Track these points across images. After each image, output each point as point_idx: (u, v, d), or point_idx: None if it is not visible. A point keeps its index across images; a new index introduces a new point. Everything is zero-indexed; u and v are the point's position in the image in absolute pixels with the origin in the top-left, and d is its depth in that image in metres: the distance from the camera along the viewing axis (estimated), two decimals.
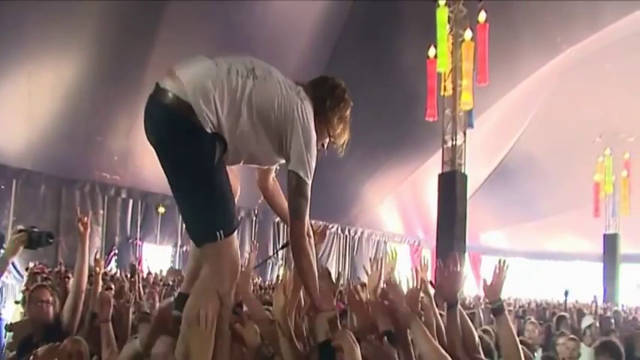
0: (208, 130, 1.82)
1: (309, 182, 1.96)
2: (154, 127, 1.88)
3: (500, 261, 2.37)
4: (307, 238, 2.00)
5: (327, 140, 2.15)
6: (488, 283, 2.28)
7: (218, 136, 1.85)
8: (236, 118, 1.87)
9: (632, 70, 12.47)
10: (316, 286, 1.99)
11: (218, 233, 1.85)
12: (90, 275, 3.34)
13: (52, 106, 9.36)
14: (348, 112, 2.18)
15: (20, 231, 2.66)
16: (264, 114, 1.90)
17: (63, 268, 8.76)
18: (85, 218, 3.05)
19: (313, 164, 1.98)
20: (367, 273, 2.32)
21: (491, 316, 2.36)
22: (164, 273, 8.96)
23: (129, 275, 7.46)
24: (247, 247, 12.32)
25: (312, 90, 2.07)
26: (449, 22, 8.78)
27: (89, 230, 3.15)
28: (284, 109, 1.92)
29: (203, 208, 1.87)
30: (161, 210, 11.23)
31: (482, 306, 4.98)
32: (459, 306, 2.29)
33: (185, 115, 1.79)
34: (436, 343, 1.81)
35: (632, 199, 14.76)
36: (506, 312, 2.23)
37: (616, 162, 14.75)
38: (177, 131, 1.83)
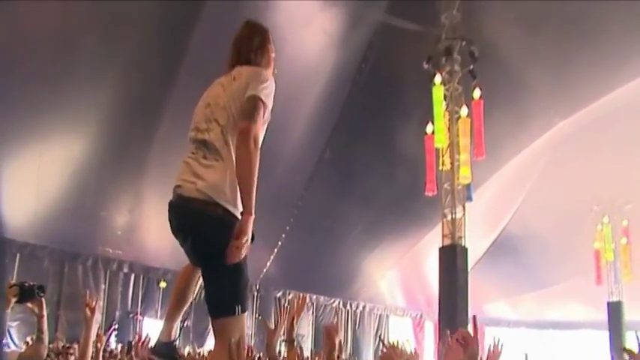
0: (239, 216, 2.15)
1: (267, 104, 2.25)
2: (192, 227, 2.23)
3: (495, 339, 2.48)
4: (256, 145, 2.16)
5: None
6: None
7: None
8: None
9: (624, 140, 12.78)
10: (252, 192, 2.13)
11: (237, 308, 2.10)
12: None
13: (60, 182, 9.58)
14: (269, 47, 2.52)
15: (12, 285, 2.77)
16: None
17: (61, 344, 8.69)
18: (93, 303, 3.05)
19: (270, 94, 2.28)
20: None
21: None
22: None
23: (126, 352, 7.38)
24: (248, 322, 12.20)
25: (245, 58, 2.43)
26: (445, 99, 9.12)
27: (95, 316, 3.15)
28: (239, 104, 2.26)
29: (228, 286, 2.14)
30: (163, 285, 11.20)
31: None
32: None
33: (217, 211, 2.15)
34: None
35: (635, 265, 14.70)
36: None
37: (615, 229, 14.80)
38: (216, 226, 2.15)
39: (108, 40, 8.41)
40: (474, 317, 2.44)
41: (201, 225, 2.19)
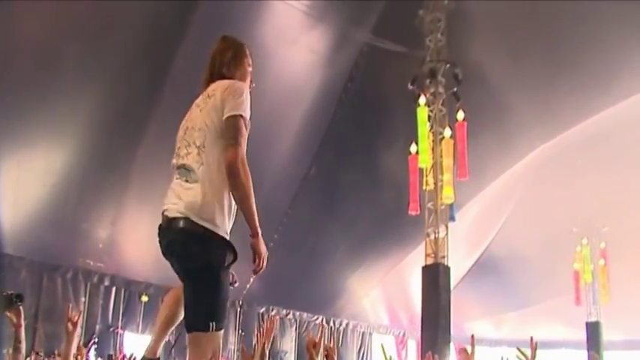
0: (225, 236, 2.25)
1: (247, 117, 2.31)
2: (176, 245, 2.31)
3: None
4: (244, 167, 2.23)
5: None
6: None
7: (230, 244, 2.26)
8: (223, 186, 2.28)
9: (603, 163, 13.03)
10: (254, 215, 2.23)
11: (211, 324, 2.15)
12: None
13: (40, 193, 9.44)
14: (244, 60, 2.57)
15: None
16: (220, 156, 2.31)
17: (39, 358, 8.54)
18: (76, 317, 3.05)
19: (247, 105, 2.33)
20: None
21: None
22: None
23: None
24: (231, 338, 12.11)
25: (218, 72, 2.49)
26: (429, 120, 9.25)
27: (78, 330, 3.12)
28: (219, 126, 2.31)
29: (206, 302, 2.20)
30: (144, 298, 11.06)
31: None
32: None
33: (197, 229, 2.21)
34: None
35: (612, 286, 14.90)
36: None
37: (593, 251, 15.05)
38: (196, 244, 2.23)
39: (92, 51, 8.38)
40: (472, 336, 2.51)
41: (183, 243, 2.27)
